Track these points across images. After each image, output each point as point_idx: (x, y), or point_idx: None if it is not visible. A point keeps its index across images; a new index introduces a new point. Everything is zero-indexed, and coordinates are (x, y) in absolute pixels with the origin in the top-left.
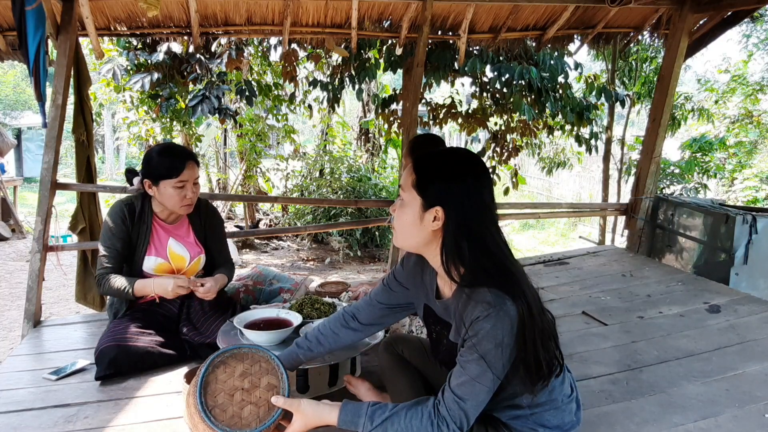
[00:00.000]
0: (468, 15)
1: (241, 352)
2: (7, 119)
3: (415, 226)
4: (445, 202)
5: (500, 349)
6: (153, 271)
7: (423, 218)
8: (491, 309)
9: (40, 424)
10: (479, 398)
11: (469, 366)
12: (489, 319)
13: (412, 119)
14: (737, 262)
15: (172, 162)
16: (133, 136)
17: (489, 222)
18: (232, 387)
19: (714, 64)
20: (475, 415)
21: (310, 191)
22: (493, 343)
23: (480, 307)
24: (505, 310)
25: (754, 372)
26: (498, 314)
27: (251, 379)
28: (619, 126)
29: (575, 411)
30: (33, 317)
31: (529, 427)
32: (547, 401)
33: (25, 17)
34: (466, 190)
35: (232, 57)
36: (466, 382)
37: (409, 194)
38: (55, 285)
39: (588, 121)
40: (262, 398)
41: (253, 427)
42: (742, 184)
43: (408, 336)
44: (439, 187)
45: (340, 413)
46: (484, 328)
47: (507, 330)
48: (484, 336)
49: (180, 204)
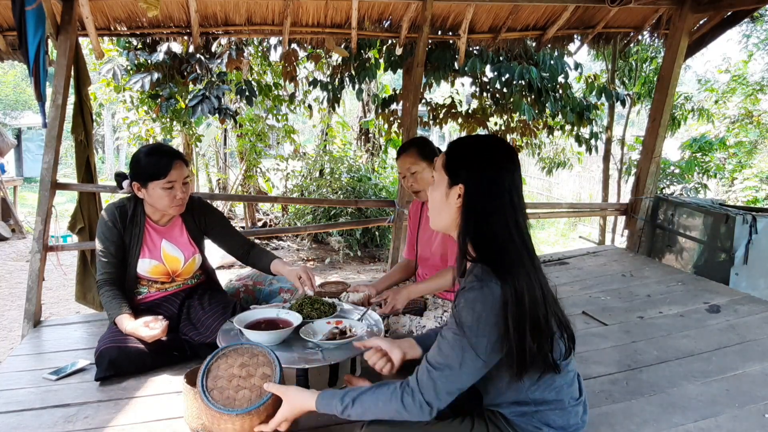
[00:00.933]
0: (468, 15)
1: (242, 348)
2: (7, 119)
3: (442, 203)
4: (466, 180)
5: (479, 323)
6: (148, 273)
7: (449, 195)
8: (476, 282)
9: (40, 424)
10: (452, 371)
11: (446, 333)
12: (472, 290)
13: (412, 119)
14: (737, 262)
15: (160, 162)
16: (133, 136)
17: (504, 206)
18: (231, 374)
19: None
20: (448, 391)
21: (310, 191)
22: (472, 315)
23: (469, 278)
24: (490, 287)
25: (754, 372)
26: (482, 289)
27: (248, 369)
28: (619, 126)
29: (581, 414)
30: (33, 317)
31: (533, 425)
32: (553, 400)
33: (25, 17)
34: (484, 171)
35: (232, 57)
36: (441, 352)
37: (439, 174)
38: (55, 285)
39: (588, 121)
40: (256, 385)
41: (244, 407)
42: (742, 184)
43: (408, 335)
44: (463, 166)
45: (318, 398)
46: (467, 297)
47: (488, 306)
48: (464, 305)
49: (170, 205)
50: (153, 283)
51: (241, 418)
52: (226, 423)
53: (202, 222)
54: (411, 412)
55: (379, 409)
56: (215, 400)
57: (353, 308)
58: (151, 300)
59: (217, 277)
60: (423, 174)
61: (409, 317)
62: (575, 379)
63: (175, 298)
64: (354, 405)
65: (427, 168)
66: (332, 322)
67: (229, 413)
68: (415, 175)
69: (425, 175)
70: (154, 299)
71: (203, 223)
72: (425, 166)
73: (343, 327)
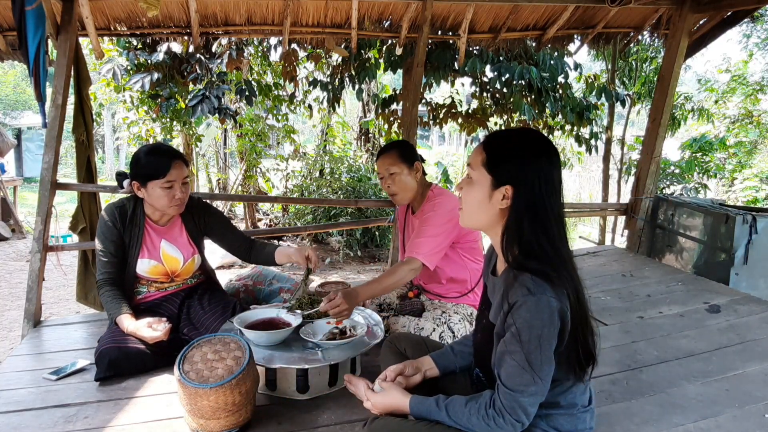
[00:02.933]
0: (468, 15)
1: (215, 338)
2: (7, 119)
3: (483, 204)
4: (516, 181)
5: (540, 339)
6: (147, 273)
7: (492, 196)
8: (529, 296)
9: (40, 424)
10: (530, 389)
11: (510, 357)
12: (527, 307)
13: (412, 119)
14: (737, 262)
15: (159, 162)
16: (133, 136)
17: (556, 205)
18: (206, 359)
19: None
20: (532, 404)
21: (310, 191)
22: (531, 334)
23: (520, 291)
24: (545, 299)
25: (754, 372)
26: (537, 303)
27: (221, 354)
28: (619, 126)
29: (589, 420)
30: (33, 317)
31: (541, 428)
32: (564, 405)
33: (25, 17)
34: (539, 170)
35: (232, 57)
36: (513, 375)
37: (478, 172)
38: (55, 285)
39: (588, 121)
40: (227, 366)
41: (210, 383)
42: (742, 184)
43: (411, 335)
44: (511, 166)
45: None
46: (523, 316)
47: (546, 319)
48: (523, 325)
49: (169, 204)
50: (152, 283)
51: (215, 391)
52: (202, 399)
53: (202, 222)
54: (505, 430)
55: (472, 424)
56: (190, 378)
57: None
58: (150, 300)
59: (216, 277)
60: (401, 176)
61: (408, 318)
62: (587, 389)
63: (174, 298)
64: (448, 410)
65: (407, 170)
66: (332, 322)
67: (203, 387)
68: (393, 177)
69: (404, 178)
70: (154, 299)
71: (203, 223)
72: (404, 168)
73: (343, 327)
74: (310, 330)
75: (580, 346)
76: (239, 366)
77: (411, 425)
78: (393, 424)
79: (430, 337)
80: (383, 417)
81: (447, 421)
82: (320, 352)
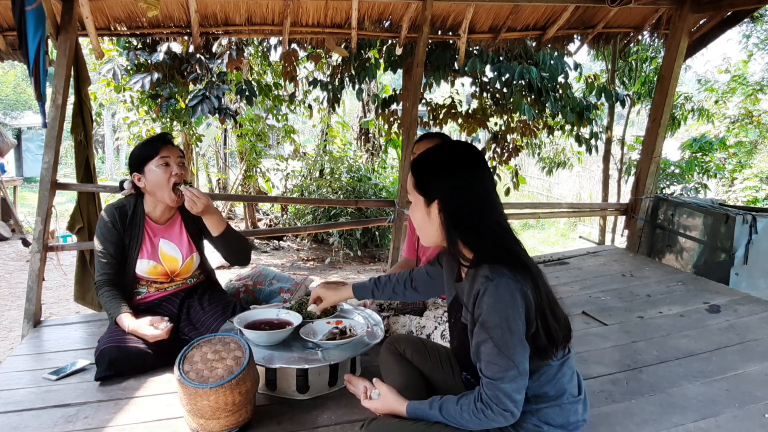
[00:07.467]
0: (468, 15)
1: (215, 338)
2: (7, 119)
3: (425, 221)
4: (440, 195)
5: (508, 321)
6: (146, 274)
7: (430, 213)
8: (488, 282)
9: (40, 424)
10: (509, 374)
11: (483, 347)
12: (489, 292)
13: (412, 119)
14: (737, 262)
15: (150, 145)
16: (133, 136)
17: (481, 207)
18: (206, 359)
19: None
20: (516, 391)
21: (310, 191)
22: (499, 317)
23: (479, 281)
24: (504, 282)
25: (754, 372)
26: (497, 287)
27: (221, 354)
28: (619, 126)
29: (582, 412)
30: (33, 317)
31: (533, 423)
32: (553, 395)
33: (25, 17)
34: (454, 183)
35: (232, 57)
36: (490, 363)
37: (413, 195)
38: (55, 285)
39: (588, 121)
40: (227, 366)
41: (210, 383)
42: (742, 184)
43: (410, 336)
44: (433, 183)
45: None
46: (486, 302)
47: (508, 300)
48: (488, 311)
49: (168, 182)
50: (152, 284)
51: (215, 391)
52: (202, 399)
53: (201, 221)
54: (496, 421)
55: (465, 420)
56: (190, 378)
57: (353, 308)
58: (150, 300)
59: (216, 277)
60: None
61: (409, 317)
62: (574, 376)
63: (174, 298)
64: (441, 411)
65: None
66: (332, 322)
67: (203, 387)
68: None
69: None
70: (154, 299)
71: (202, 222)
72: None
73: (343, 327)
74: (310, 330)
75: (542, 330)
76: (239, 366)
77: (409, 425)
78: (392, 424)
79: (432, 335)
80: (382, 417)
81: (442, 421)
82: (320, 352)
